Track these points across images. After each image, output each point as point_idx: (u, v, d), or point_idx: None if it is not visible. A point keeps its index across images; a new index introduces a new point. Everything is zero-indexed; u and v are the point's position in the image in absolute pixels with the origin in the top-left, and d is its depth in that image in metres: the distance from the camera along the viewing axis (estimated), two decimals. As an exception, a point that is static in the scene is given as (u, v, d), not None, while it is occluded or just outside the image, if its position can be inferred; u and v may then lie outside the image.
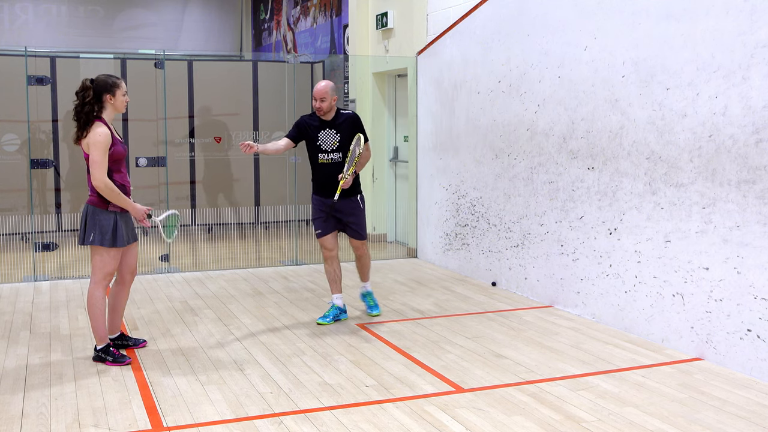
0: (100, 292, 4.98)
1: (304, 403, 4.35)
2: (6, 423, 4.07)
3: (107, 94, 4.93)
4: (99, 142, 4.81)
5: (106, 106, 4.95)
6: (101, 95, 4.92)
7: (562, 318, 6.25)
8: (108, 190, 4.84)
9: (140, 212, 5.00)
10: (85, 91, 4.90)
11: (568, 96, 6.32)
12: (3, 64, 9.77)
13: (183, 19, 16.53)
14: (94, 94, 4.90)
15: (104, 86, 4.93)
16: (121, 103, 5.00)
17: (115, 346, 5.26)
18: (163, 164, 8.97)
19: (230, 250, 9.46)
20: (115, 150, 4.91)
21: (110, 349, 5.06)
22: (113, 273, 5.06)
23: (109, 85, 4.94)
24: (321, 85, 5.89)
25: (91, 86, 4.92)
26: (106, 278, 5.00)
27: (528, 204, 6.88)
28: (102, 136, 4.83)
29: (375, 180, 10.17)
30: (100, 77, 4.97)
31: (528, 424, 4.07)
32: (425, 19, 8.93)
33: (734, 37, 4.86)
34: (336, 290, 6.18)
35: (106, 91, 4.93)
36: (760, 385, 4.67)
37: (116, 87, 4.96)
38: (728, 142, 4.91)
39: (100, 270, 4.97)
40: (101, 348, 5.05)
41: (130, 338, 5.43)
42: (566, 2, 6.34)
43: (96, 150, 4.81)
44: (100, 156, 4.81)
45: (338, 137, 5.92)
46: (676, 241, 5.34)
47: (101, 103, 4.93)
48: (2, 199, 9.67)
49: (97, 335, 5.04)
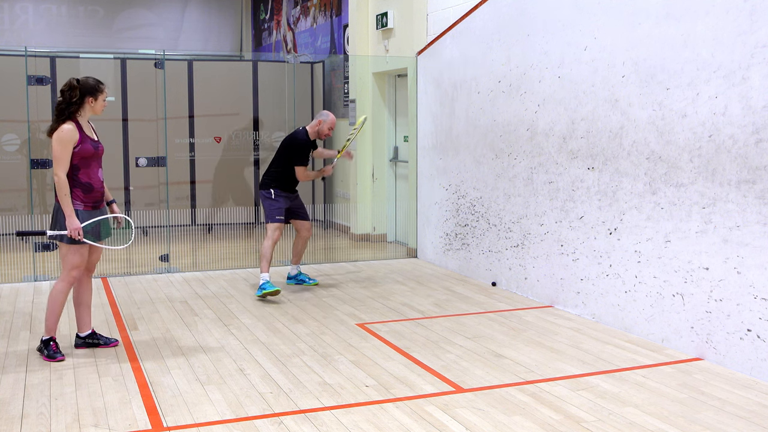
0: (63, 286, 5.12)
1: (304, 403, 4.35)
2: (6, 423, 4.07)
3: (89, 97, 5.06)
4: (61, 138, 4.94)
5: (85, 107, 5.08)
6: (84, 96, 5.04)
7: (562, 318, 6.25)
8: (59, 187, 4.95)
9: (73, 228, 4.96)
10: (72, 91, 5.02)
11: (568, 96, 6.32)
12: (3, 64, 9.78)
13: (183, 19, 16.53)
14: (79, 95, 5.02)
15: (90, 89, 5.06)
16: (100, 106, 5.13)
17: (86, 344, 5.39)
18: (163, 164, 8.96)
19: (230, 250, 9.46)
20: (82, 148, 5.00)
21: (50, 344, 5.16)
22: (79, 267, 5.14)
23: (93, 88, 5.08)
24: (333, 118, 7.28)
25: (78, 86, 5.04)
26: (71, 273, 5.11)
27: (528, 204, 6.88)
28: (65, 132, 4.94)
29: (375, 180, 10.17)
30: (86, 79, 5.10)
31: (528, 424, 4.07)
32: (425, 19, 8.93)
33: (734, 37, 4.86)
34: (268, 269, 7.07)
35: (90, 93, 5.06)
36: (760, 385, 4.67)
37: (99, 91, 5.10)
38: (728, 142, 4.91)
39: (65, 265, 5.10)
40: (44, 339, 5.19)
41: (101, 337, 5.47)
42: (566, 2, 6.34)
43: (57, 145, 4.94)
44: (59, 152, 4.94)
45: None
46: (676, 241, 5.34)
47: (82, 103, 5.05)
48: (2, 199, 9.67)
49: (46, 326, 5.19)
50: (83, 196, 5.06)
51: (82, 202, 5.06)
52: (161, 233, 8.99)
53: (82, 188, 5.05)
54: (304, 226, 7.39)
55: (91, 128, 5.20)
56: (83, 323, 5.41)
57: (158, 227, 9.67)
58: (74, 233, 4.95)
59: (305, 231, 7.41)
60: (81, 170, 5.04)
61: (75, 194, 5.03)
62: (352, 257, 9.14)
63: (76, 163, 5.01)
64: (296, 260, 7.51)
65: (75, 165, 5.01)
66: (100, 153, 5.16)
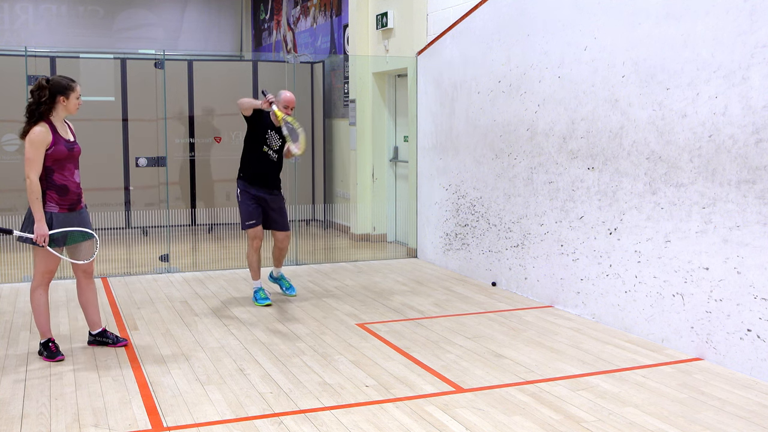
0: (37, 290, 5.10)
1: (304, 403, 4.35)
2: (6, 423, 4.07)
3: (61, 96, 4.98)
4: (32, 140, 4.88)
5: (58, 107, 5.00)
6: (55, 96, 4.97)
7: (562, 318, 6.25)
8: (30, 190, 4.89)
9: (40, 233, 4.89)
10: (41, 90, 4.95)
11: (568, 96, 6.32)
12: (3, 64, 9.77)
13: (183, 19, 16.52)
14: (49, 94, 4.95)
15: (60, 88, 4.98)
16: (74, 105, 5.05)
17: (96, 341, 5.42)
18: (163, 164, 8.96)
19: (230, 250, 9.46)
20: (55, 150, 4.93)
21: (49, 345, 5.17)
22: (51, 271, 5.10)
23: (64, 87, 4.99)
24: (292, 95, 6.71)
25: (47, 86, 4.96)
26: (44, 276, 5.08)
27: (528, 204, 6.88)
28: (36, 134, 4.88)
29: (375, 180, 10.18)
30: (56, 78, 5.03)
31: (528, 424, 4.07)
32: (425, 19, 8.93)
33: (734, 37, 4.86)
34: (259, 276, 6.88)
35: (60, 92, 4.98)
36: (760, 385, 4.67)
37: (70, 90, 5.01)
38: (728, 142, 4.91)
39: (36, 268, 5.08)
40: (42, 342, 5.20)
41: (111, 336, 5.46)
42: (566, 2, 6.34)
43: (29, 147, 4.88)
44: (31, 153, 4.87)
45: (280, 142, 6.71)
46: (676, 241, 5.34)
47: (53, 103, 4.98)
48: (2, 199, 9.66)
49: (39, 330, 5.22)
50: (58, 198, 4.99)
51: (57, 205, 4.98)
52: (161, 233, 8.99)
53: (56, 190, 4.97)
54: (278, 237, 6.89)
55: (67, 128, 5.11)
56: (93, 322, 5.41)
57: (158, 227, 9.68)
58: (40, 239, 4.87)
59: (279, 241, 6.91)
60: (56, 172, 4.96)
61: (50, 196, 4.95)
62: (352, 257, 9.14)
63: (50, 165, 4.93)
64: (276, 264, 7.11)
65: (49, 167, 4.93)
66: (75, 154, 5.07)
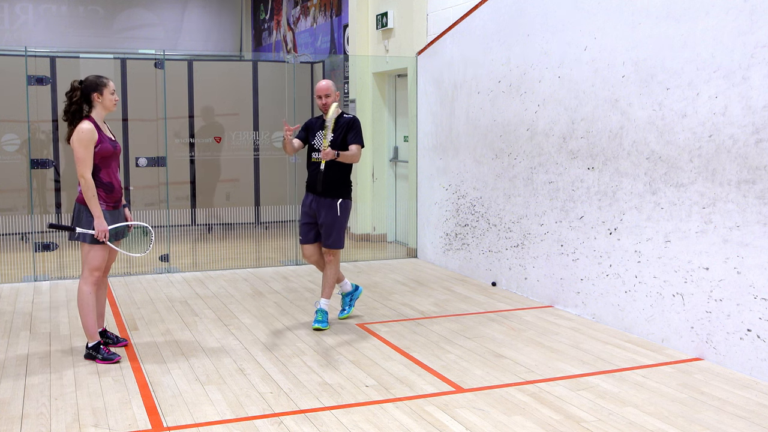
0: (87, 288, 5.05)
1: (304, 403, 4.35)
2: (6, 423, 4.07)
3: (95, 93, 5.03)
4: (80, 138, 4.91)
5: (95, 105, 5.05)
6: (90, 95, 5.03)
7: (562, 318, 6.25)
8: (86, 188, 4.91)
9: (101, 229, 4.93)
10: (73, 92, 5.03)
11: (568, 96, 6.32)
12: (3, 64, 9.77)
13: (183, 19, 16.53)
14: (82, 95, 5.02)
15: (92, 86, 5.04)
16: (110, 101, 5.09)
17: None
18: (163, 164, 8.96)
19: (230, 250, 9.46)
20: (102, 147, 4.98)
21: (100, 347, 5.10)
22: (101, 268, 5.10)
23: (96, 84, 5.05)
24: (323, 83, 5.94)
25: (80, 87, 5.03)
26: (93, 273, 5.06)
27: (528, 204, 6.88)
28: (84, 132, 4.91)
29: (375, 180, 10.17)
30: (89, 77, 5.08)
31: (528, 424, 4.07)
32: (425, 19, 8.93)
33: (734, 37, 4.86)
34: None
35: (94, 90, 5.03)
36: (760, 385, 4.67)
37: (104, 86, 5.06)
38: (728, 142, 4.91)
39: (87, 265, 5.04)
40: (92, 345, 5.11)
41: (112, 335, 5.45)
42: (566, 2, 6.34)
43: (78, 146, 4.91)
44: (81, 152, 4.90)
45: (330, 138, 5.82)
46: (676, 241, 5.34)
47: (90, 102, 5.04)
48: (2, 199, 9.67)
49: (87, 332, 5.11)
50: (106, 196, 5.04)
51: (104, 202, 5.04)
52: (161, 233, 8.99)
53: (104, 188, 5.03)
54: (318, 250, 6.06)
55: (107, 128, 5.19)
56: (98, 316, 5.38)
57: (158, 227, 9.67)
58: (101, 235, 4.92)
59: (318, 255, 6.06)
60: (102, 170, 5.01)
61: (98, 195, 4.99)
62: (352, 257, 9.14)
63: (97, 163, 4.98)
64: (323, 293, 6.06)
65: (96, 165, 4.98)
66: (118, 152, 5.16)
